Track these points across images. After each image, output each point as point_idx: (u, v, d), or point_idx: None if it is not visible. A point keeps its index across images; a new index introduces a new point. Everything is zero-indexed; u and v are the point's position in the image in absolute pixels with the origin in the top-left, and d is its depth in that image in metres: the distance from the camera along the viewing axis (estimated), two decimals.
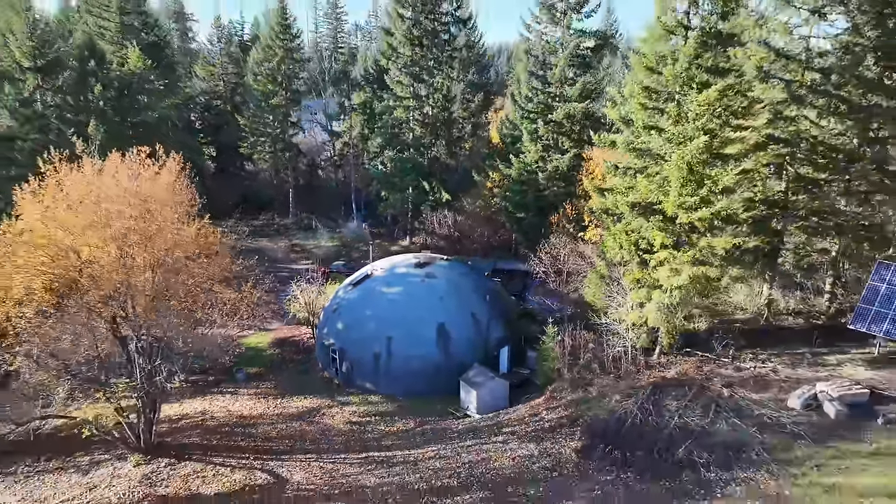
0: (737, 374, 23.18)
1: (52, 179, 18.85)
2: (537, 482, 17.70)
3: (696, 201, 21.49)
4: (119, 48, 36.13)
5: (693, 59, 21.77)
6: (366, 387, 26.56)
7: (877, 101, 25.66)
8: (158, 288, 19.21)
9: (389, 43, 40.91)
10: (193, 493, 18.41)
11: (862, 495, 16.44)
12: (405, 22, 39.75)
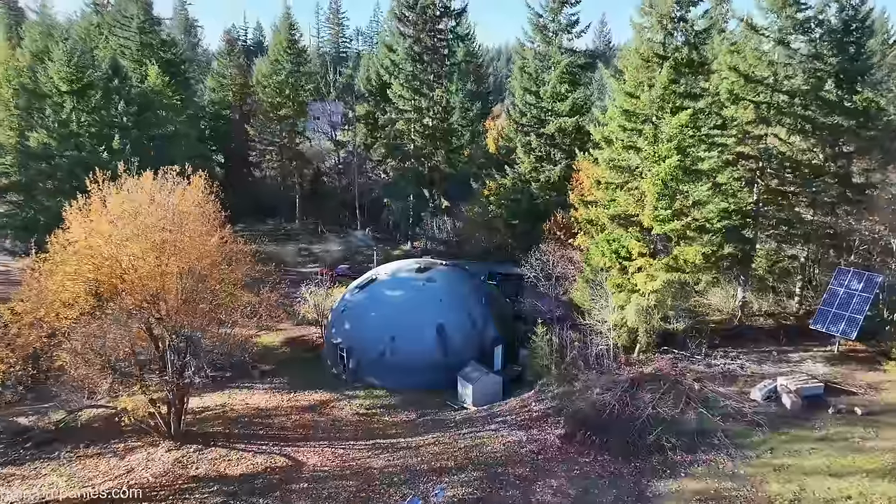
0: (707, 370, 25.62)
1: (96, 196, 21.25)
2: (520, 460, 20.17)
3: (669, 214, 23.93)
4: (139, 65, 38.58)
5: (667, 85, 24.19)
6: (371, 382, 28.93)
7: (838, 121, 28.16)
8: (188, 292, 21.62)
9: (392, 59, 43.34)
10: (221, 474, 20.83)
11: (806, 474, 18.87)
12: (407, 40, 42.22)
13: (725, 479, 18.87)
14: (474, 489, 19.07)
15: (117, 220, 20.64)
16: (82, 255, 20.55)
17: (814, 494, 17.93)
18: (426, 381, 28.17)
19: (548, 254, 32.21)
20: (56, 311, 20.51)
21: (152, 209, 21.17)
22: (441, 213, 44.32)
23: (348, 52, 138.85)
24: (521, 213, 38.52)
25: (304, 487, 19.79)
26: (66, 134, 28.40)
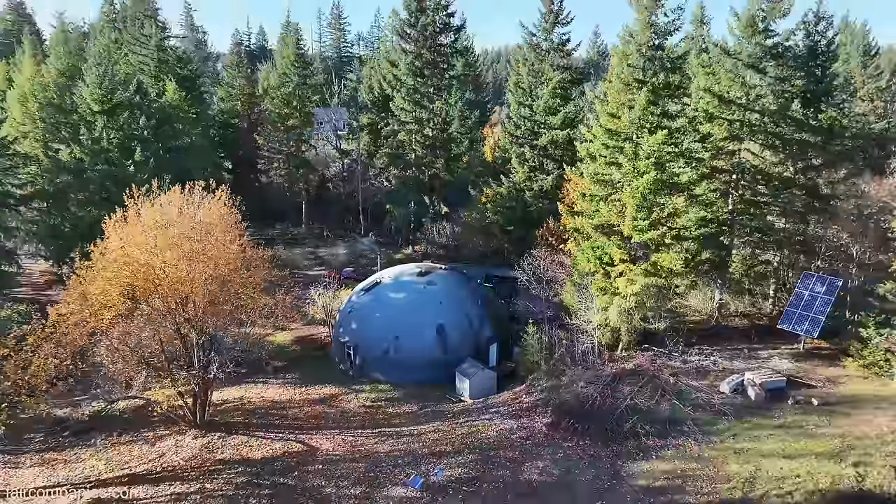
0: (683, 365, 28.10)
1: (132, 209, 23.75)
2: (510, 445, 22.70)
3: (647, 224, 26.42)
4: (156, 81, 41.03)
5: (646, 107, 26.68)
6: (377, 377, 31.41)
7: (806, 137, 30.67)
8: (213, 295, 24.11)
9: (394, 74, 45.85)
10: (244, 458, 23.32)
11: (763, 456, 21.35)
12: (408, 55, 44.70)
13: (691, 460, 21.36)
14: (469, 470, 21.57)
15: (151, 231, 23.11)
16: (120, 263, 23.02)
17: (767, 473, 20.41)
18: (427, 376, 30.65)
19: (540, 259, 34.68)
20: (97, 312, 22.99)
21: (182, 220, 23.66)
22: (441, 218, 46.82)
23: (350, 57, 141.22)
24: (516, 220, 40.98)
25: (319, 469, 22.28)
26: (98, 150, 30.98)
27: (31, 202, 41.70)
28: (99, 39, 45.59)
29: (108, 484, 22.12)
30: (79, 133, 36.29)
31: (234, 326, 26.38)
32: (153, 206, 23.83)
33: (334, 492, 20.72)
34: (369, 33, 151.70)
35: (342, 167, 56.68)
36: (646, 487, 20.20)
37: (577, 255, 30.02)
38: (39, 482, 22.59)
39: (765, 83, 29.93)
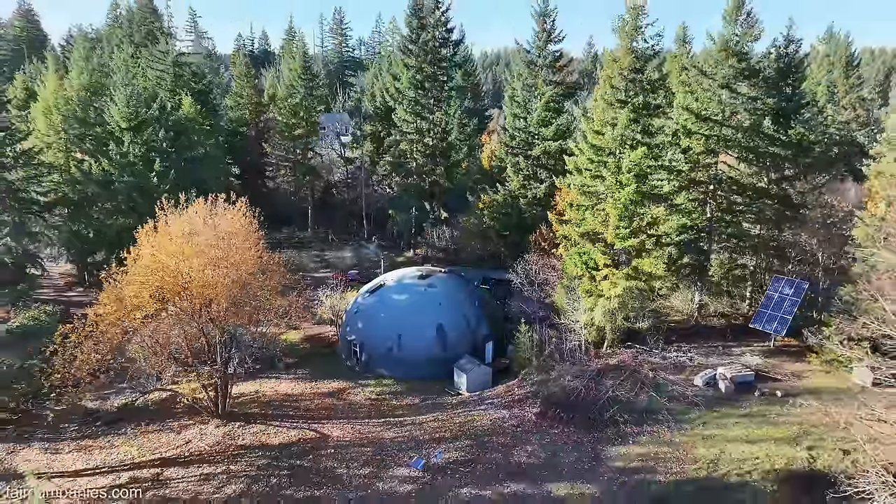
0: (662, 361, 30.66)
1: (162, 219, 26.32)
2: (503, 432, 25.28)
3: (628, 233, 28.98)
4: (173, 95, 43.56)
5: (627, 125, 29.25)
6: (381, 373, 33.95)
7: (777, 151, 33.26)
8: (235, 298, 26.68)
9: (397, 87, 48.40)
10: (263, 443, 25.89)
11: (728, 441, 23.91)
12: (410, 70, 47.27)
13: (664, 445, 23.92)
14: (466, 453, 24.14)
15: (179, 240, 25.67)
16: (151, 269, 25.59)
17: (730, 456, 22.98)
18: (427, 372, 33.18)
19: (533, 262, 37.22)
20: (130, 312, 25.57)
21: (206, 230, 26.23)
22: (440, 223, 49.38)
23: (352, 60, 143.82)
24: (512, 226, 43.52)
25: (331, 453, 24.85)
26: (125, 163, 33.55)
27: (53, 209, 44.33)
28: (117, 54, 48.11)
29: (141, 466, 24.67)
30: (102, 144, 38.95)
31: (253, 326, 28.96)
32: (181, 216, 26.39)
33: (346, 472, 23.30)
34: (370, 38, 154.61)
35: (346, 174, 59.23)
36: (622, 468, 22.78)
37: (565, 259, 32.59)
38: (79, 465, 25.16)
39: (739, 101, 32.52)
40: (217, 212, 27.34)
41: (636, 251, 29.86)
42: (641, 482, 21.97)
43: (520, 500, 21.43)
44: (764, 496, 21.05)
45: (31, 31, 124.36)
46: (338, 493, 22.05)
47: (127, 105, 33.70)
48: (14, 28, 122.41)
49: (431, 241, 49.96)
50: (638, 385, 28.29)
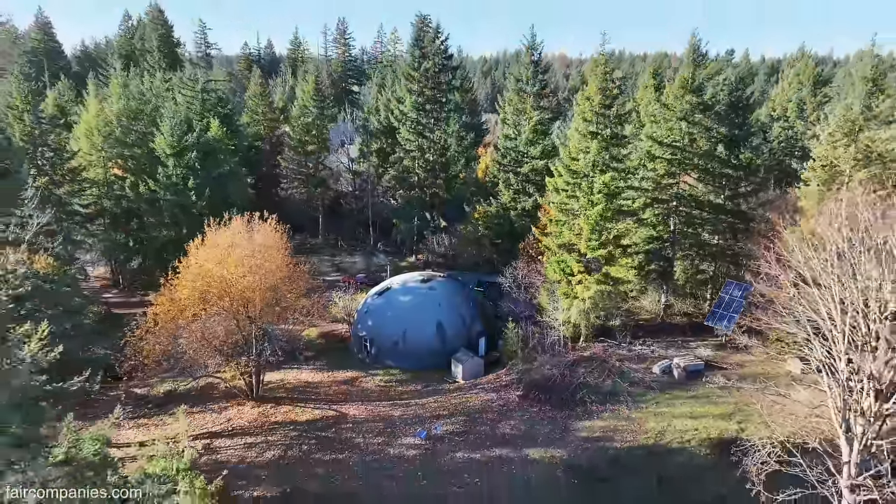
0: (628, 353, 36.01)
1: (209, 233, 31.66)
2: (491, 410, 30.63)
3: (597, 244, 34.31)
4: (201, 118, 48.82)
5: (598, 153, 34.57)
6: (388, 364, 39.23)
7: (729, 173, 38.61)
8: (268, 299, 32.00)
9: (401, 109, 53.76)
10: (292, 420, 31.22)
11: (675, 417, 29.22)
12: (412, 95, 52.60)
13: (622, 420, 29.26)
14: (460, 426, 29.48)
15: (223, 251, 31.01)
16: (199, 275, 30.94)
17: (675, 428, 28.30)
18: (429, 363, 38.45)
19: (521, 268, 42.54)
20: (181, 311, 30.91)
21: (245, 242, 31.57)
22: (440, 231, 54.67)
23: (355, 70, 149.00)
24: (503, 234, 48.83)
25: (349, 427, 30.18)
26: (169, 184, 38.90)
27: (94, 219, 49.70)
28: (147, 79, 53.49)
29: (194, 438, 29.96)
30: (142, 164, 44.27)
31: (281, 323, 34.30)
32: (223, 231, 31.75)
33: (362, 441, 28.64)
34: (373, 48, 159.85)
35: (354, 186, 64.54)
36: (586, 437, 28.11)
37: (547, 266, 37.93)
38: (140, 438, 30.47)
39: (696, 130, 37.86)
40: (253, 227, 32.70)
41: (606, 259, 35.18)
42: (601, 447, 27.30)
43: (503, 461, 26.77)
44: (698, 457, 26.40)
45: (48, 42, 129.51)
46: (357, 456, 27.39)
47: (171, 135, 39.07)
48: (32, 40, 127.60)
49: (432, 248, 55.25)
50: (605, 373, 33.65)
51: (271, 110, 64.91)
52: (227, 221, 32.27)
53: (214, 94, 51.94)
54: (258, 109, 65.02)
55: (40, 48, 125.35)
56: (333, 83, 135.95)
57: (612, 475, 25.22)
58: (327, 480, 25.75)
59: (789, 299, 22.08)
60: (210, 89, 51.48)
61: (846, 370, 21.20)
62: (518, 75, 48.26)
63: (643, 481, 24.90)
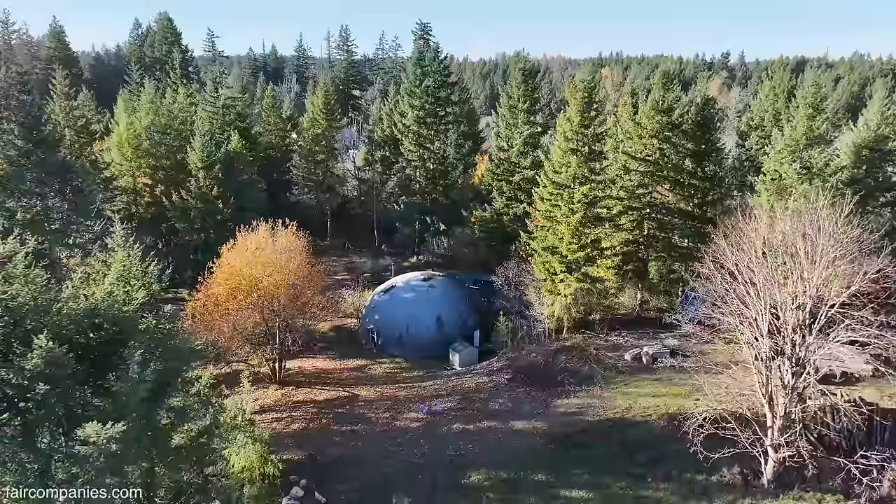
0: (605, 343, 40.92)
1: (240, 238, 36.57)
2: (483, 390, 35.58)
3: (577, 247, 39.21)
4: (222, 131, 53.66)
5: (578, 167, 39.45)
6: (393, 353, 44.10)
7: (696, 183, 43.52)
8: (290, 296, 36.91)
9: (404, 123, 58.66)
10: (312, 399, 36.14)
11: (640, 395, 34.10)
12: (414, 110, 57.51)
13: (595, 398, 34.16)
14: (456, 403, 34.41)
15: (252, 253, 35.90)
16: (231, 274, 35.84)
17: (639, 404, 33.18)
18: (429, 353, 43.33)
19: (512, 268, 47.40)
20: (215, 305, 35.80)
21: (270, 246, 36.48)
22: (439, 234, 59.54)
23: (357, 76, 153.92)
24: (497, 238, 53.68)
25: (361, 404, 35.12)
26: (200, 195, 43.85)
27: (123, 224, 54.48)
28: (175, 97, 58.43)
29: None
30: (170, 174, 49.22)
31: (300, 317, 39.22)
32: (252, 235, 36.68)
33: (373, 415, 33.59)
34: (374, 54, 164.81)
35: (360, 192, 69.46)
36: (563, 412, 33.03)
37: (534, 266, 42.84)
38: None
39: (666, 147, 42.76)
40: (276, 232, 37.63)
41: (585, 260, 40.10)
42: (575, 420, 32.22)
43: (492, 431, 31.69)
44: (656, 428, 31.30)
45: (62, 50, 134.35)
46: (368, 427, 32.35)
47: (202, 150, 44.00)
48: (46, 48, 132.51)
49: (432, 249, 60.14)
50: (584, 359, 38.59)
51: (282, 121, 69.76)
52: (254, 228, 37.16)
53: (233, 109, 56.82)
54: (270, 120, 69.87)
55: (56, 56, 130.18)
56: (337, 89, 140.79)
57: (583, 441, 30.10)
58: (344, 446, 30.69)
59: (724, 294, 26.98)
60: (229, 105, 56.38)
61: (768, 352, 26.17)
62: (510, 93, 53.15)
63: (608, 446, 29.78)
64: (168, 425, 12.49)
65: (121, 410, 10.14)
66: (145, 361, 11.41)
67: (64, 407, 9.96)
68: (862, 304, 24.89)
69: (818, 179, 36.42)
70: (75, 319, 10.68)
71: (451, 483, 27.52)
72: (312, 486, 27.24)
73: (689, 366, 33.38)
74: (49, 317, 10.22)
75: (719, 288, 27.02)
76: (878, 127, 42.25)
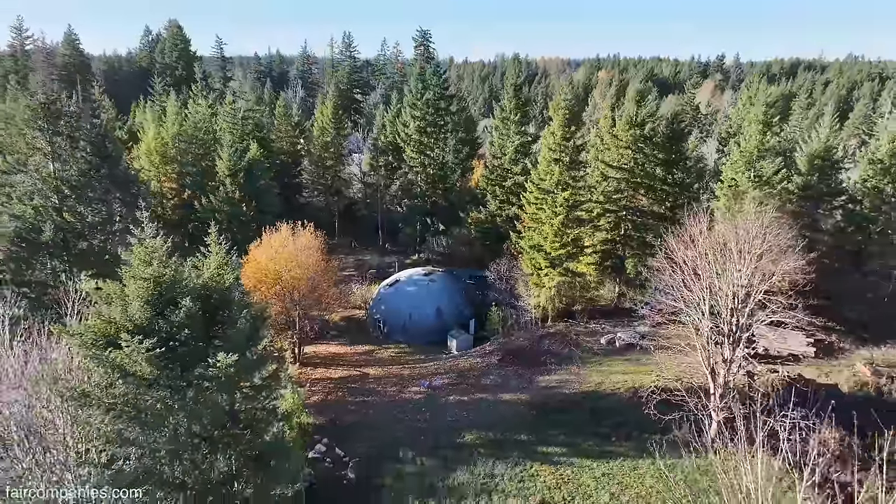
0: (585, 329, 46.42)
1: (266, 237, 42.08)
2: (476, 370, 41.15)
3: (559, 245, 44.71)
4: (241, 140, 59.09)
5: (560, 174, 44.94)
6: (397, 340, 49.63)
7: (666, 189, 49.06)
8: (308, 288, 42.43)
9: (406, 132, 64.18)
10: (328, 377, 41.67)
11: (611, 373, 39.62)
12: (416, 120, 63.03)
13: (572, 375, 39.68)
14: (453, 380, 39.93)
15: (275, 250, 41.41)
16: (258, 269, 41.34)
17: (610, 380, 38.70)
18: (429, 339, 48.88)
19: (504, 264, 52.91)
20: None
21: (291, 244, 42.00)
22: (439, 234, 65.06)
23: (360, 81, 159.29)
24: (491, 237, 59.19)
25: (371, 380, 40.65)
26: (226, 199, 49.41)
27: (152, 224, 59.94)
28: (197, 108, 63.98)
29: None
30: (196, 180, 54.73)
31: (317, 307, 44.75)
32: (275, 235, 42.21)
33: (381, 389, 39.12)
34: (376, 59, 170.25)
35: (365, 195, 75.01)
36: (545, 386, 38.55)
37: (523, 262, 48.36)
38: None
39: (639, 157, 48.28)
40: (296, 232, 43.17)
41: (566, 257, 45.62)
42: (554, 392, 37.74)
43: (484, 401, 37.21)
44: (622, 399, 36.83)
45: (77, 57, 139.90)
46: (378, 399, 37.90)
47: (229, 160, 49.57)
48: (62, 55, 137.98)
49: (432, 248, 65.63)
50: (565, 343, 44.14)
51: (293, 128, 75.28)
52: (277, 228, 42.69)
53: (251, 121, 62.36)
54: (281, 128, 75.38)
55: (72, 63, 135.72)
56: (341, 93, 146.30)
57: (559, 408, 35.63)
58: (358, 413, 36.23)
59: (673, 284, 32.50)
60: (247, 117, 61.91)
61: (709, 332, 31.69)
62: (503, 106, 58.67)
63: (581, 413, 35.29)
64: (253, 363, 17.84)
65: (231, 349, 15.55)
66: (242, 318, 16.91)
67: (196, 345, 15.42)
68: (780, 292, 30.48)
69: (767, 186, 41.94)
70: (197, 290, 16.13)
71: (449, 442, 33.03)
72: (333, 444, 32.78)
73: (652, 347, 38.98)
74: (183, 288, 15.66)
75: (669, 279, 32.48)
76: (828, 139, 47.73)
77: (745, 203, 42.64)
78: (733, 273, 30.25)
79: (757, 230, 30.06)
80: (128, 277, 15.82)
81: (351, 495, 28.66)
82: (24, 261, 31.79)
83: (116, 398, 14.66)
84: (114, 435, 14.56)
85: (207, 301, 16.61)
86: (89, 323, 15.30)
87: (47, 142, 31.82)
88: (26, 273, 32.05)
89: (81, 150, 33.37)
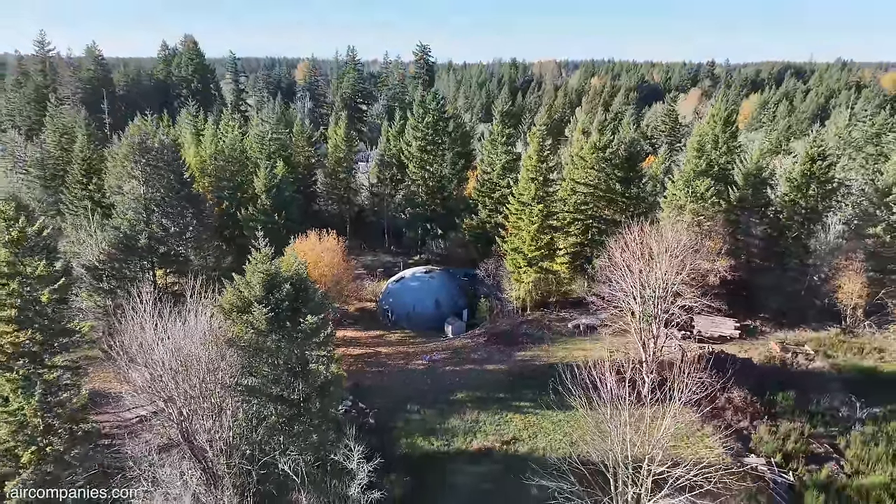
0: (556, 317, 56.73)
1: (298, 242, 52.35)
2: (467, 348, 51.52)
3: (534, 248, 55.01)
4: (268, 158, 69.22)
5: (536, 189, 55.22)
6: (403, 326, 59.79)
7: (625, 201, 59.46)
8: (332, 282, 52.70)
9: (409, 150, 74.46)
10: (349, 354, 51.97)
11: (575, 349, 49.89)
12: (417, 140, 73.31)
13: (542, 351, 49.99)
14: (448, 356, 50.26)
15: (306, 252, 51.64)
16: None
17: (572, 355, 48.97)
18: (430, 326, 59.10)
19: (492, 264, 63.28)
20: None
21: (318, 247, 52.28)
22: (437, 237, 75.38)
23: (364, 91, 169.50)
24: (482, 241, 69.52)
25: (383, 356, 50.97)
26: (262, 210, 59.76)
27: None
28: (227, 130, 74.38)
29: None
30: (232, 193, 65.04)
31: (337, 299, 55.01)
32: (306, 240, 52.52)
33: (391, 362, 49.46)
34: (378, 71, 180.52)
35: (373, 203, 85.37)
36: (521, 359, 48.86)
37: (506, 262, 58.71)
38: None
39: (602, 175, 58.62)
40: (322, 237, 53.51)
41: (541, 258, 55.93)
42: (528, 364, 48.07)
43: (473, 371, 47.52)
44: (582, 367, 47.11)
45: (100, 72, 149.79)
46: (389, 369, 48.23)
47: (265, 178, 59.95)
48: (86, 70, 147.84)
49: (432, 249, 76.02)
50: (539, 328, 54.51)
51: (308, 143, 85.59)
52: (305, 235, 53.01)
53: (277, 141, 72.74)
54: (298, 143, 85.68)
55: (96, 77, 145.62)
56: (346, 104, 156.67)
57: (531, 375, 45.96)
58: (374, 379, 46.54)
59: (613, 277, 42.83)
60: (273, 139, 72.28)
61: (640, 314, 42.00)
62: (492, 130, 69.04)
63: (546, 378, 45.61)
64: (321, 325, 28.06)
65: (310, 313, 25.75)
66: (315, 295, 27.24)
67: (292, 310, 25.74)
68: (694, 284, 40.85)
69: (702, 201, 52.32)
70: (289, 278, 26.40)
71: (445, 399, 43.35)
72: (357, 400, 43.10)
73: (602, 329, 49.37)
74: (282, 277, 25.87)
75: (610, 274, 42.85)
76: (757, 160, 58.09)
77: (685, 214, 53.10)
78: (656, 269, 40.58)
79: (672, 236, 40.42)
80: (249, 272, 26.19)
81: (374, 434, 39.02)
82: (121, 261, 42.04)
83: (247, 342, 24.96)
84: (245, 363, 24.82)
85: (295, 284, 26.95)
86: (226, 298, 25.63)
87: (140, 171, 41.98)
88: (124, 269, 42.32)
89: (165, 176, 43.51)
